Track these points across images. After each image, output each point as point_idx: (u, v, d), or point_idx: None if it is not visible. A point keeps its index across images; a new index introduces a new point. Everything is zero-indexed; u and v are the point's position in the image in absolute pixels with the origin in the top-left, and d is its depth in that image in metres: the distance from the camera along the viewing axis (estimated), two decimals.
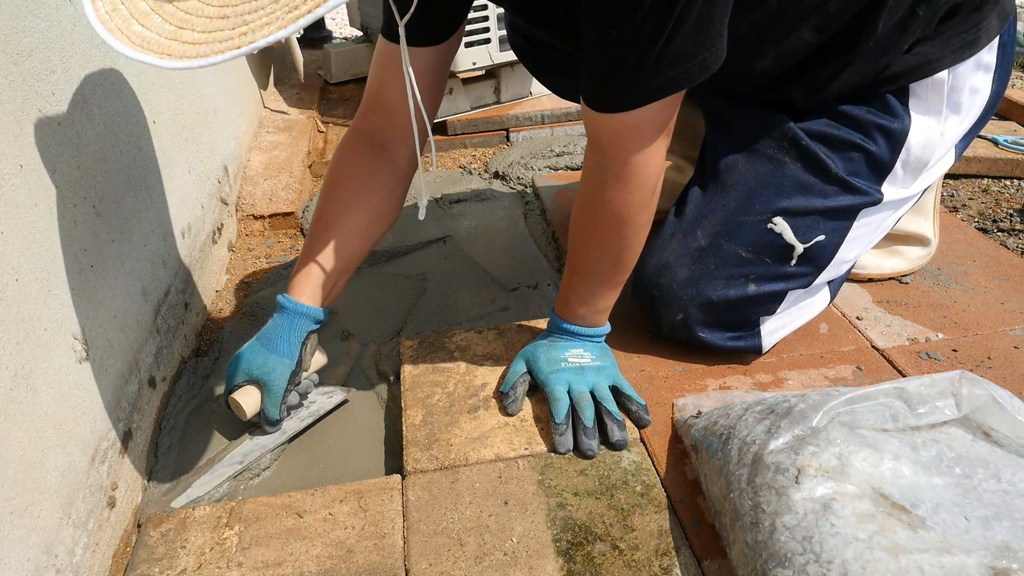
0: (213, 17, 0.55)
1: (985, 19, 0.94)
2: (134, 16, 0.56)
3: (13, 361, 0.67)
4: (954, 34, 0.94)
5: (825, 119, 0.99)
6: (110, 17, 0.56)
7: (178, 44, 0.55)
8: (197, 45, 0.55)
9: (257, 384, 0.95)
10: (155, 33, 0.55)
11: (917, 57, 0.94)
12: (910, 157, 0.99)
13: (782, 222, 0.97)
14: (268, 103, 2.15)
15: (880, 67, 0.94)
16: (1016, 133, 1.79)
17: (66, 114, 0.83)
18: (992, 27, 0.95)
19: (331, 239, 0.98)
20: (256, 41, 0.53)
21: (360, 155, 1.01)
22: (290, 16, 0.54)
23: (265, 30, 0.53)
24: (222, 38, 0.54)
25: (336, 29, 3.76)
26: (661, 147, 0.84)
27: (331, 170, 1.02)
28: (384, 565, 0.77)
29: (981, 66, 0.97)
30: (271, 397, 0.95)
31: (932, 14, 0.92)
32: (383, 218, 1.03)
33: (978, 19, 0.94)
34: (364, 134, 1.02)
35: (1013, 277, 1.23)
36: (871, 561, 0.63)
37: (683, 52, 0.75)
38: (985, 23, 0.94)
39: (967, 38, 0.94)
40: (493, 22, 1.86)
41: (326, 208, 1.00)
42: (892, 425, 0.76)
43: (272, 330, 0.97)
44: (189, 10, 0.56)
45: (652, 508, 0.82)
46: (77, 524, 0.75)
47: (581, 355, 0.96)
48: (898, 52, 0.93)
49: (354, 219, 1.00)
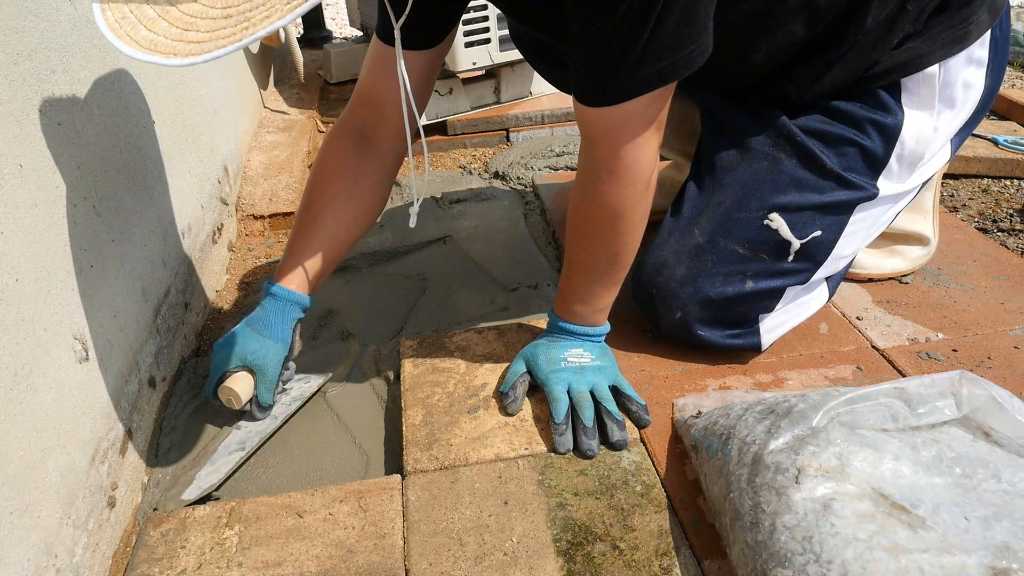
0: (217, 18, 0.58)
1: (975, 13, 0.94)
2: (142, 22, 0.60)
3: (13, 361, 0.67)
4: (943, 28, 0.94)
5: (819, 115, 0.99)
6: (119, 25, 0.60)
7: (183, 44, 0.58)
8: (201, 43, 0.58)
9: (249, 370, 0.96)
10: (162, 36, 0.59)
11: (907, 52, 0.95)
12: (904, 151, 0.99)
13: (778, 218, 0.98)
14: (268, 103, 2.15)
15: (870, 62, 0.95)
16: (1016, 133, 1.79)
17: (66, 114, 0.83)
18: (982, 21, 0.95)
19: (320, 230, 1.00)
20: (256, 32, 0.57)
21: (348, 148, 1.02)
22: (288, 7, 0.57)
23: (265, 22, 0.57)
24: (225, 35, 0.57)
25: (336, 29, 3.76)
26: (652, 141, 0.84)
27: (319, 161, 1.03)
28: (384, 565, 0.77)
29: (973, 61, 0.98)
30: (266, 383, 0.96)
31: (921, 9, 0.92)
32: (369, 211, 1.04)
33: (968, 13, 0.94)
34: (352, 128, 1.03)
35: (1013, 277, 1.23)
36: (871, 561, 0.63)
37: (668, 45, 0.75)
38: (975, 17, 0.94)
39: (956, 32, 0.94)
40: (493, 22, 1.86)
41: (315, 199, 1.01)
42: (892, 425, 0.76)
43: (264, 316, 0.97)
44: (194, 13, 0.59)
45: (652, 508, 0.82)
46: (77, 524, 0.75)
47: (581, 355, 0.96)
48: (887, 47, 0.94)
49: (342, 212, 1.01)
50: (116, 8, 0.61)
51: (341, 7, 4.33)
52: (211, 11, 0.59)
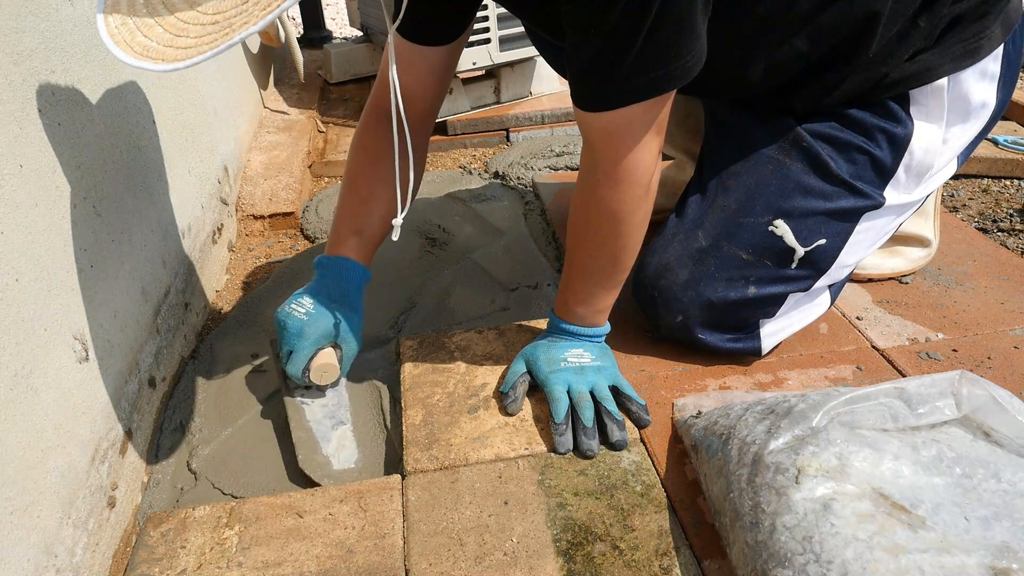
0: (206, 24, 0.62)
1: (988, 28, 0.94)
2: (139, 29, 0.63)
3: (13, 361, 0.67)
4: (955, 42, 0.93)
5: (829, 121, 0.98)
6: (118, 31, 0.63)
7: (172, 50, 0.61)
8: (187, 49, 0.61)
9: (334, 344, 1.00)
10: (155, 42, 0.62)
11: (917, 64, 0.94)
12: (913, 162, 0.98)
13: (783, 225, 0.97)
14: (268, 103, 2.15)
15: (879, 75, 0.94)
16: (1016, 133, 1.79)
17: (66, 114, 0.83)
18: (995, 36, 0.94)
19: (374, 209, 1.03)
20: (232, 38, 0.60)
21: (387, 130, 1.02)
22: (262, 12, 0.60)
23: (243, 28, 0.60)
24: (209, 40, 0.61)
25: (336, 29, 3.76)
26: (652, 145, 0.84)
27: (362, 144, 1.04)
28: (384, 565, 0.77)
29: (986, 75, 0.97)
30: (350, 356, 1.01)
31: (934, 25, 0.91)
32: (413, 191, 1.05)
33: (980, 28, 0.93)
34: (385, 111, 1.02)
35: (1013, 277, 1.23)
36: (871, 561, 0.63)
37: (662, 53, 0.76)
38: (988, 32, 0.94)
39: (968, 46, 0.94)
40: (493, 22, 1.86)
41: (364, 177, 1.03)
42: (892, 425, 0.76)
43: (342, 286, 1.00)
44: (187, 19, 0.62)
45: (652, 508, 0.82)
46: (77, 524, 0.75)
47: (581, 355, 0.96)
48: (898, 61, 0.93)
49: (391, 191, 1.02)
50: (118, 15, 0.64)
51: (341, 7, 4.33)
52: (203, 17, 0.62)
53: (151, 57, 0.61)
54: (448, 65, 1.02)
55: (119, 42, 0.62)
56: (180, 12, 0.62)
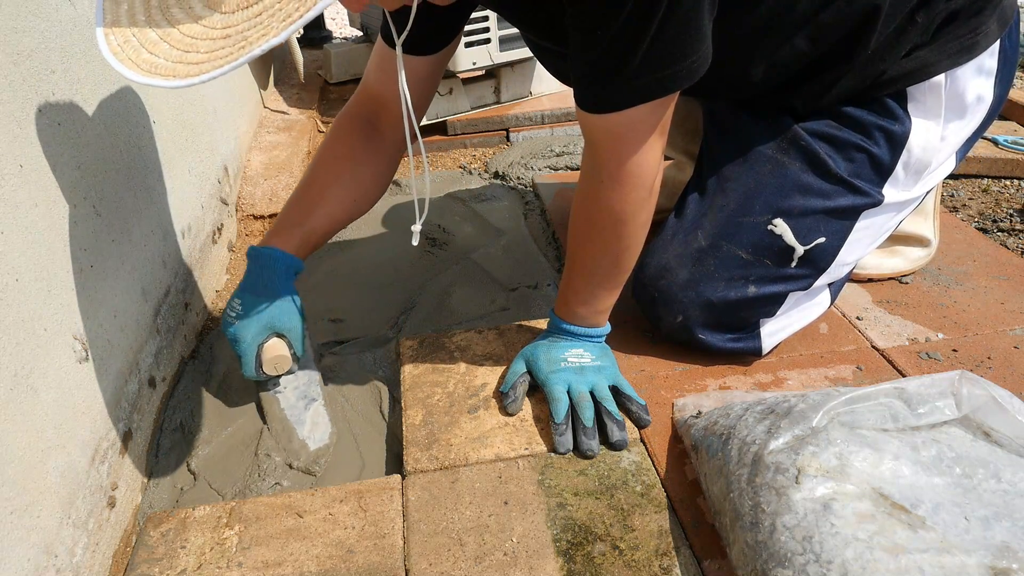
0: (216, 38, 0.59)
1: (984, 24, 0.94)
2: (144, 46, 0.60)
3: (13, 361, 0.67)
4: (952, 39, 0.94)
5: (827, 120, 0.99)
6: (122, 48, 0.61)
7: (183, 66, 0.59)
8: (200, 64, 0.59)
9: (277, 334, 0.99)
10: (162, 59, 0.60)
11: (913, 61, 0.94)
12: (911, 159, 0.99)
13: (782, 223, 0.97)
14: (268, 103, 2.15)
15: (877, 72, 0.94)
16: (1016, 133, 1.79)
17: (66, 114, 0.83)
18: (991, 32, 0.94)
19: (321, 206, 1.02)
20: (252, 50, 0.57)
21: (356, 134, 1.04)
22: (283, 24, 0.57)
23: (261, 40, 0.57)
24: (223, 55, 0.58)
25: (336, 29, 3.76)
26: (656, 148, 0.84)
27: (327, 142, 1.05)
28: (384, 565, 0.77)
29: (982, 71, 0.97)
30: (296, 338, 1.00)
31: (931, 20, 0.92)
32: (369, 197, 1.07)
33: (976, 24, 0.94)
34: (360, 115, 1.05)
35: (1013, 277, 1.23)
36: (871, 561, 0.63)
37: (668, 54, 0.75)
38: (984, 28, 0.94)
39: (965, 43, 0.94)
40: (493, 22, 1.86)
41: (319, 176, 1.03)
42: (892, 425, 0.76)
43: (266, 276, 0.98)
44: (195, 35, 0.60)
45: (652, 508, 0.82)
46: (77, 524, 0.75)
47: (581, 355, 0.96)
48: (896, 58, 0.93)
49: (344, 192, 1.03)
50: (119, 32, 0.61)
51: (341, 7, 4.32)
52: (211, 31, 0.59)
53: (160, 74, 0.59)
54: (433, 75, 1.03)
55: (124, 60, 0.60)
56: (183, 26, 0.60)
